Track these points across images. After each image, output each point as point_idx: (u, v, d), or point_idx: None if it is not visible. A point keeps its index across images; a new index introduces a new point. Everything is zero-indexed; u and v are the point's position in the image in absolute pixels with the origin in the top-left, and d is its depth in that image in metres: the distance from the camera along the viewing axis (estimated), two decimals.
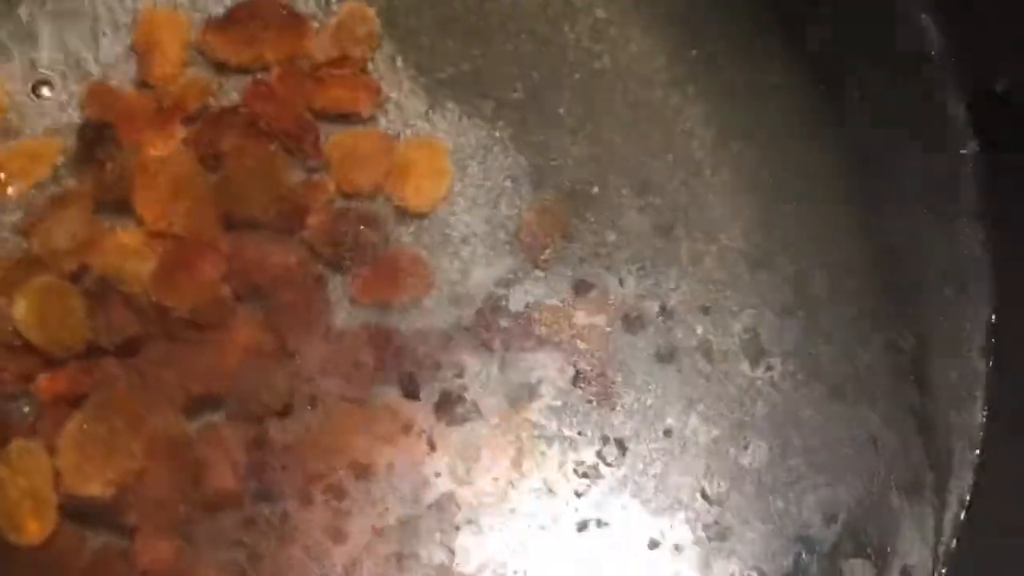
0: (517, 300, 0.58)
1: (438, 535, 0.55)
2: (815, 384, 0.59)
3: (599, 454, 0.57)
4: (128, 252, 0.55)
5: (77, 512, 0.53)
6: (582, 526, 0.56)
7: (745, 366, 0.59)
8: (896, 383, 0.59)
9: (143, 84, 0.58)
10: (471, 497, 0.55)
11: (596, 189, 0.60)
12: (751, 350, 0.59)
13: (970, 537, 0.57)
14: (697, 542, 0.56)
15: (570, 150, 0.61)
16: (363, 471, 0.55)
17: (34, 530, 0.52)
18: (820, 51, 0.62)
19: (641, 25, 0.63)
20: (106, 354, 0.54)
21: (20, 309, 0.53)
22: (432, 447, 0.56)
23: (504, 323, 0.57)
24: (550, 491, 0.56)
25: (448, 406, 0.56)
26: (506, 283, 0.58)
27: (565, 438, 0.57)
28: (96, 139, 0.56)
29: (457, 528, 0.55)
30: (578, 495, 0.56)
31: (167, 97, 0.57)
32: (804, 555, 0.56)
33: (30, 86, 0.58)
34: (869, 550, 0.56)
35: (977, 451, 0.59)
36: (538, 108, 0.61)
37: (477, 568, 0.55)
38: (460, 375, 0.57)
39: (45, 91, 0.58)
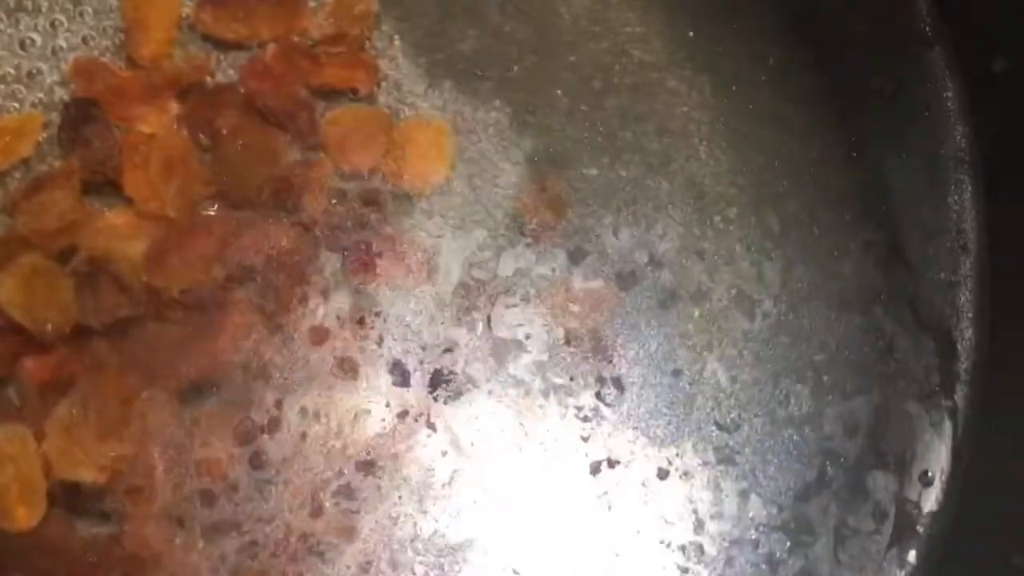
0: (514, 277, 0.58)
1: (456, 513, 0.55)
2: (815, 302, 0.60)
3: (598, 395, 0.57)
4: (118, 232, 0.54)
5: (66, 498, 0.52)
6: (595, 468, 0.56)
7: (747, 299, 0.59)
8: (886, 282, 0.60)
9: (131, 62, 0.57)
10: (481, 468, 0.55)
11: (594, 170, 0.60)
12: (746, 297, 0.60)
13: (985, 439, 0.59)
14: (706, 466, 0.57)
15: (567, 130, 0.60)
16: (368, 468, 0.54)
17: (23, 516, 0.51)
18: (818, 30, 0.62)
19: (638, 6, 0.63)
20: (95, 336, 0.53)
21: (6, 289, 0.52)
22: (433, 428, 0.55)
23: (496, 294, 0.57)
24: (556, 441, 0.56)
25: (441, 384, 0.56)
26: (503, 261, 0.58)
27: (559, 387, 0.57)
28: (81, 117, 0.55)
29: (475, 502, 0.55)
30: (584, 439, 0.56)
31: (159, 73, 0.55)
32: (829, 468, 0.58)
33: (14, 60, 0.57)
34: (890, 459, 0.59)
35: (984, 346, 0.60)
36: (536, 89, 0.60)
37: (499, 535, 0.55)
38: (450, 350, 0.56)
39: (27, 65, 0.57)
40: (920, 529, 0.58)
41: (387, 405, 0.55)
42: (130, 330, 0.53)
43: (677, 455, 0.57)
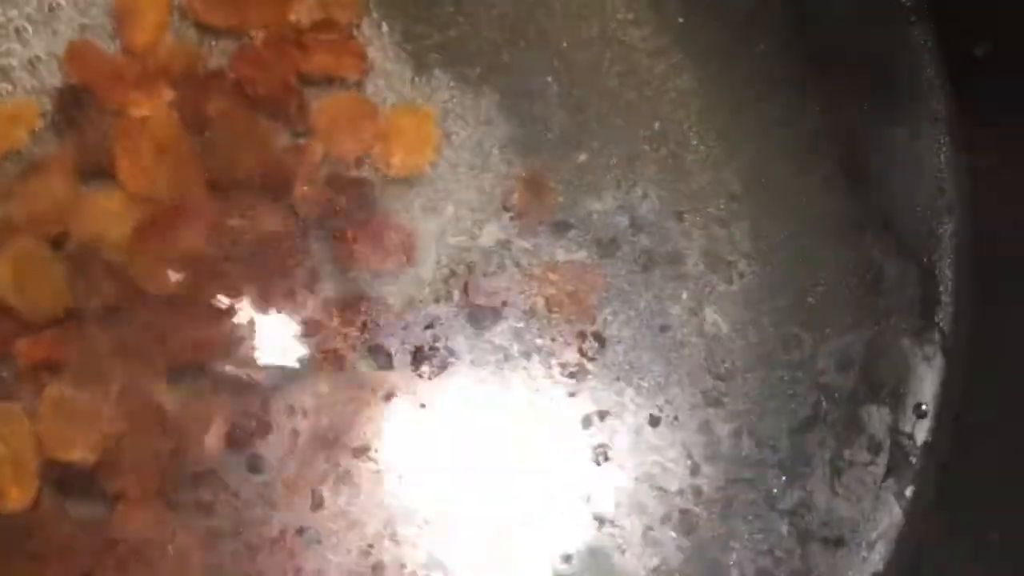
0: (498, 257, 0.58)
1: (455, 485, 0.56)
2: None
3: (580, 351, 0.57)
4: (110, 217, 0.54)
5: (58, 479, 0.52)
6: (586, 422, 0.57)
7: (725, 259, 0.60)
8: (858, 212, 0.61)
9: (124, 49, 0.58)
10: (475, 436, 0.56)
11: (583, 156, 0.60)
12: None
13: (977, 373, 0.60)
14: (695, 409, 0.58)
15: (557, 117, 0.60)
16: (363, 454, 0.55)
17: (15, 497, 0.52)
18: (805, 17, 0.62)
19: None
20: (87, 319, 0.53)
21: None
22: (422, 405, 0.56)
23: (480, 273, 0.58)
24: (545, 400, 0.57)
25: (424, 361, 0.56)
26: (492, 248, 0.58)
27: (542, 348, 0.57)
28: (74, 104, 0.55)
29: (473, 471, 0.56)
30: (572, 395, 0.57)
31: (153, 59, 0.56)
32: (824, 403, 0.59)
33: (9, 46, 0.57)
34: (884, 393, 0.59)
35: (972, 281, 0.60)
36: (525, 75, 0.60)
37: (500, 500, 0.56)
38: (431, 326, 0.57)
39: (22, 51, 0.58)
40: (914, 461, 0.59)
41: (373, 390, 0.56)
42: (121, 313, 0.54)
43: (667, 402, 0.58)
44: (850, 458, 0.58)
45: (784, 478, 0.58)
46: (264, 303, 0.55)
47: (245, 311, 0.55)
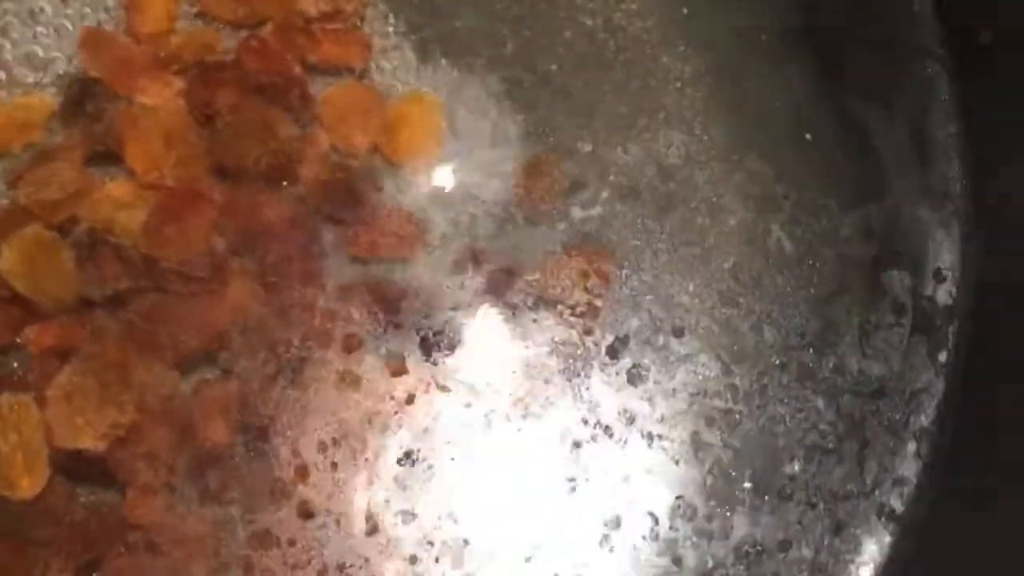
0: (505, 246, 0.59)
1: (504, 446, 0.57)
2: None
3: (586, 290, 0.58)
4: (119, 204, 0.54)
5: (68, 466, 0.52)
6: (611, 352, 0.58)
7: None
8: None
9: (135, 38, 0.58)
10: (505, 398, 0.57)
11: (589, 146, 0.61)
12: None
13: (992, 239, 0.62)
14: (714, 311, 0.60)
15: (562, 107, 0.61)
16: (408, 459, 0.56)
17: (26, 485, 0.51)
18: (810, 7, 0.63)
19: None
20: (96, 306, 0.53)
21: (7, 259, 0.52)
22: (445, 389, 0.56)
23: (484, 258, 0.58)
24: (563, 343, 0.58)
25: (433, 347, 0.57)
26: (495, 232, 0.58)
27: (549, 300, 0.58)
28: (85, 92, 0.56)
29: (519, 431, 0.57)
30: (588, 333, 0.58)
31: (165, 47, 0.56)
32: (847, 272, 0.61)
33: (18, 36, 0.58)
34: (905, 258, 0.62)
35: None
36: (530, 65, 0.61)
37: (550, 443, 0.57)
38: (434, 312, 0.57)
39: (33, 43, 0.58)
40: (938, 322, 0.61)
41: (392, 398, 0.56)
42: (130, 300, 0.54)
43: (687, 312, 0.59)
44: (876, 321, 0.60)
45: (813, 351, 0.60)
46: (272, 291, 0.55)
47: (254, 299, 0.55)
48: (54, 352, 0.53)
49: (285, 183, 0.56)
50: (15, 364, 0.53)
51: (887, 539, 0.59)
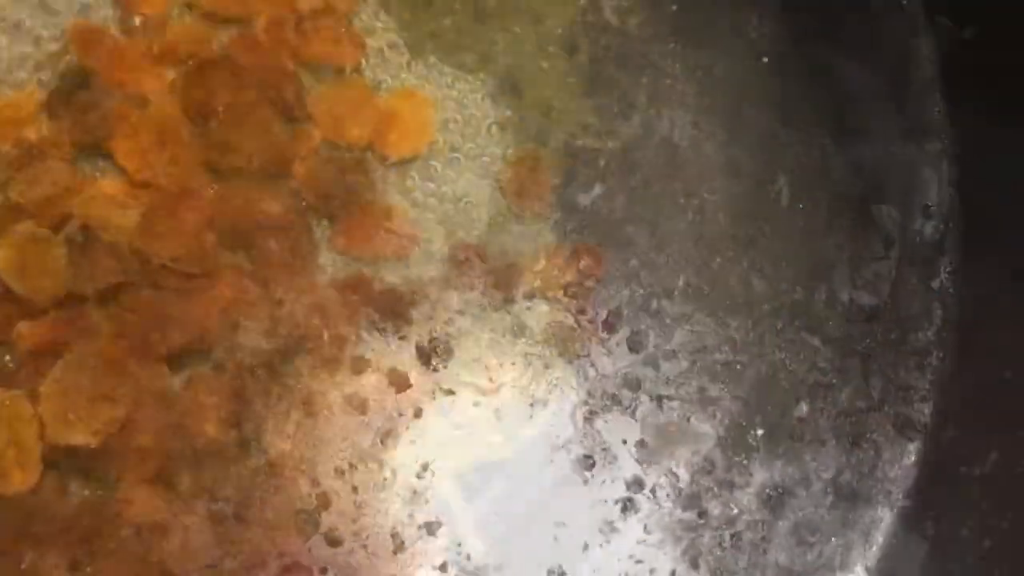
0: (496, 243, 0.59)
1: (520, 428, 0.58)
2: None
3: (579, 271, 0.59)
4: (111, 200, 0.54)
5: (60, 462, 0.53)
6: (608, 326, 0.59)
7: None
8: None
9: (126, 32, 0.58)
10: (511, 391, 0.58)
11: (580, 141, 0.61)
12: None
13: (978, 176, 0.63)
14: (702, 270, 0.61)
15: (552, 102, 0.61)
16: (424, 471, 0.57)
17: (18, 480, 0.52)
18: (798, 1, 0.63)
19: None
20: (88, 302, 0.54)
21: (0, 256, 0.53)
22: (450, 392, 0.57)
23: (477, 255, 0.59)
24: (560, 324, 0.59)
25: (431, 354, 0.57)
26: (490, 230, 0.59)
27: (537, 289, 0.59)
28: (76, 85, 0.56)
29: (530, 417, 0.58)
30: (582, 312, 0.59)
31: (159, 41, 0.56)
32: (835, 204, 0.63)
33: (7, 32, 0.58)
34: (894, 193, 0.63)
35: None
36: (520, 61, 0.61)
37: (564, 411, 0.58)
38: (429, 316, 0.58)
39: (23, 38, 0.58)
40: (927, 254, 0.63)
41: (401, 414, 0.57)
42: (122, 296, 0.54)
43: (675, 273, 0.60)
44: (866, 254, 0.62)
45: (803, 290, 0.61)
46: (265, 287, 0.56)
47: (246, 295, 0.55)
48: (47, 348, 0.53)
49: (278, 179, 0.56)
50: (8, 360, 0.53)
51: (907, 445, 0.61)
